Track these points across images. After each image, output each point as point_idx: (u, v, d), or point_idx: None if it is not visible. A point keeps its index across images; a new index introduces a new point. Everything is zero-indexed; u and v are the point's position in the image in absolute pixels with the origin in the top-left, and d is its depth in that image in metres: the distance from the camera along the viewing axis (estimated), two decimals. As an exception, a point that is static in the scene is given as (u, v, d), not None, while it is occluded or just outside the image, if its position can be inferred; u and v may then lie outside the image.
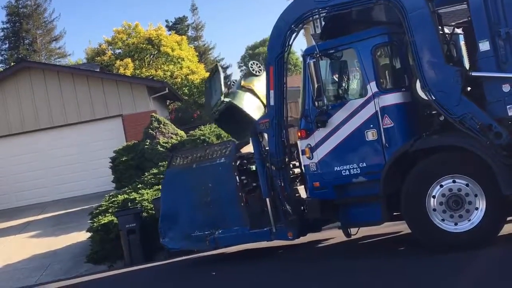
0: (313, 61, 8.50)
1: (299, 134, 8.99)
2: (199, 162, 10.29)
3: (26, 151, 21.33)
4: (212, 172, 9.99)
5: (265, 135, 9.42)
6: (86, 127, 21.34)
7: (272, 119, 9.20)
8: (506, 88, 7.70)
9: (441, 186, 7.91)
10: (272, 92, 9.17)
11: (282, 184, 9.18)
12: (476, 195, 7.77)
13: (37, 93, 21.44)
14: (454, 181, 7.85)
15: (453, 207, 7.86)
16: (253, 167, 9.72)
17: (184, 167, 10.48)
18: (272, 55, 9.19)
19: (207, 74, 28.04)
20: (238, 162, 9.83)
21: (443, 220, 7.90)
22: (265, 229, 9.40)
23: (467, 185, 7.80)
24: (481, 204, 7.75)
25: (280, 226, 9.28)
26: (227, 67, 59.40)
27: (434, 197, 7.93)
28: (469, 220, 7.80)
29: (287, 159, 9.32)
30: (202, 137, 17.41)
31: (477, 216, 7.77)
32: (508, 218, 7.96)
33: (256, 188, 9.66)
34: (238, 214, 9.73)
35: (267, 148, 9.36)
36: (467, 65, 8.70)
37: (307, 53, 8.85)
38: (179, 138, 18.32)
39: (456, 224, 7.86)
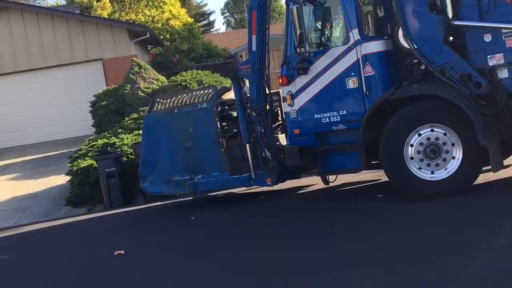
0: (296, 6, 8.41)
1: (280, 81, 8.97)
2: (180, 107, 10.24)
3: (4, 94, 20.93)
4: (193, 117, 9.94)
5: (246, 81, 9.39)
6: (66, 70, 20.91)
7: (254, 64, 9.18)
8: (487, 38, 7.71)
9: (419, 135, 7.98)
10: (254, 37, 9.11)
11: (262, 131, 9.21)
12: (453, 144, 7.86)
13: (15, 34, 20.92)
14: (432, 130, 7.93)
15: (430, 156, 7.95)
16: (234, 113, 9.71)
17: (165, 112, 10.41)
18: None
19: (189, 20, 27.62)
20: (220, 108, 9.78)
21: (420, 168, 8.00)
22: (245, 175, 9.46)
23: (445, 134, 7.88)
24: (458, 153, 7.85)
25: (259, 172, 9.36)
26: (210, 14, 58.59)
27: (412, 145, 8.01)
28: (445, 169, 7.91)
29: (267, 106, 9.33)
30: (183, 83, 17.28)
31: (453, 165, 7.87)
32: (484, 168, 8.08)
33: (236, 134, 9.67)
34: (218, 159, 9.76)
35: (248, 95, 9.34)
36: (450, 15, 8.67)
37: (290, -1, 8.74)
38: (160, 84, 18.17)
39: (432, 172, 7.97)
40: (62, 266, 8.03)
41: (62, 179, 14.75)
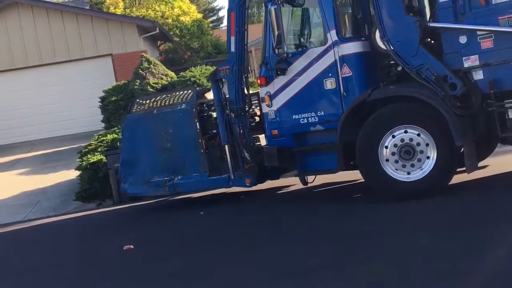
0: (274, 7, 8.40)
1: (258, 81, 9.00)
2: (160, 107, 10.30)
3: (14, 89, 21.29)
4: (173, 118, 9.99)
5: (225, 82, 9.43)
6: (75, 65, 21.20)
7: (232, 66, 9.19)
8: (462, 39, 7.69)
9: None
10: (232, 38, 9.13)
11: (241, 131, 9.24)
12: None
13: (25, 30, 21.24)
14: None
15: (405, 157, 7.93)
16: (214, 114, 9.75)
17: (145, 113, 10.47)
18: (234, 1, 9.09)
19: (199, 16, 27.60)
20: (199, 109, 9.84)
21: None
22: (224, 175, 9.52)
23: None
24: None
25: (239, 173, 9.39)
26: (219, 9, 58.37)
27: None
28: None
29: (246, 107, 9.35)
30: (192, 79, 17.32)
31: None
32: (458, 169, 8.06)
33: (215, 135, 9.71)
34: (197, 160, 9.81)
35: (227, 96, 9.38)
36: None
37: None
38: (169, 79, 18.24)
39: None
40: (69, 261, 8.09)
41: (71, 174, 14.90)
